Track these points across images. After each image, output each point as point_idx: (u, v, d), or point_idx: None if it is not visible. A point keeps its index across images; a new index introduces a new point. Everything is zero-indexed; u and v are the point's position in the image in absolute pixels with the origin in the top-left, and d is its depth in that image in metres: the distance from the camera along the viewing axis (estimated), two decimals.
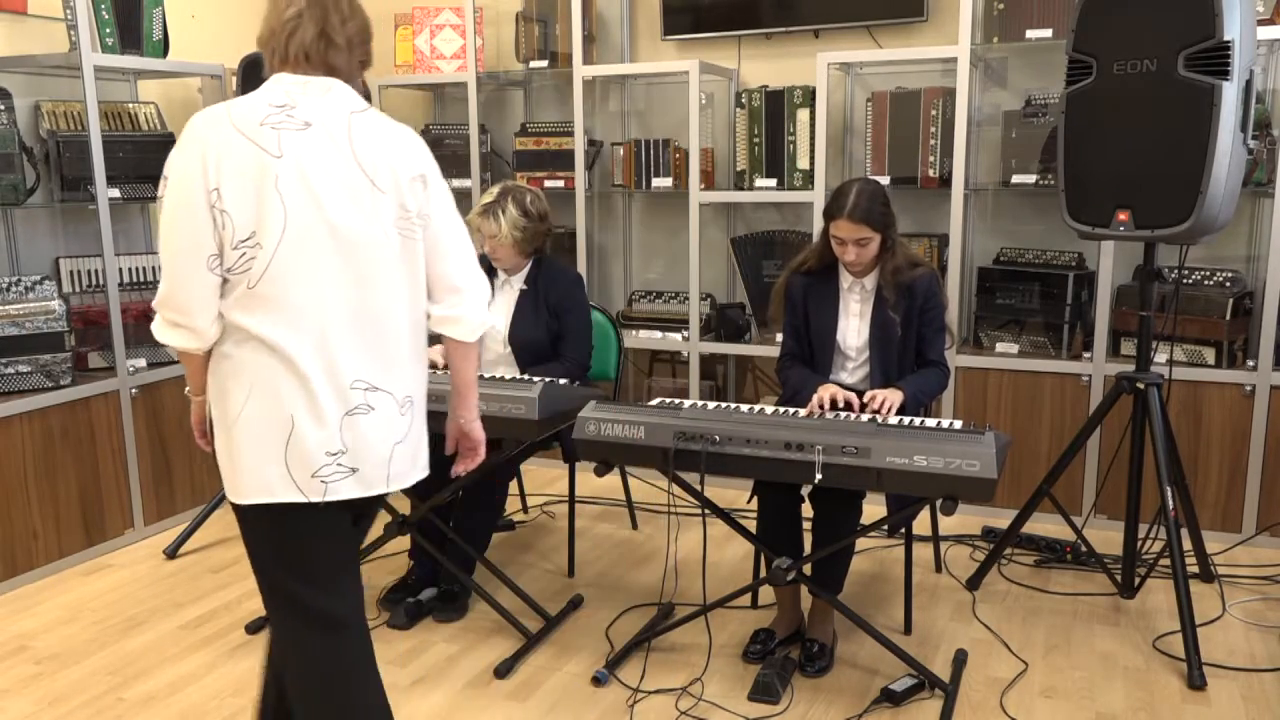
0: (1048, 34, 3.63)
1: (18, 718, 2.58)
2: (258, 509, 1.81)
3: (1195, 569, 3.24)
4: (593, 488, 4.19)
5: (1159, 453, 2.87)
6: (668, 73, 4.29)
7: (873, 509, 2.88)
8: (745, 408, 2.62)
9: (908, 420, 2.52)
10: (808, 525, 2.77)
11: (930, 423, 2.47)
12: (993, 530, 3.62)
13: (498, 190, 3.14)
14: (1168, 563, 2.84)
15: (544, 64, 4.43)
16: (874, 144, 3.94)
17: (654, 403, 2.69)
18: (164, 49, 3.92)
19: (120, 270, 3.76)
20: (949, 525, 3.71)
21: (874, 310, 2.92)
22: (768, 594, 3.07)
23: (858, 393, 2.83)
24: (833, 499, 2.68)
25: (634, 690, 2.66)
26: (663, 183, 4.30)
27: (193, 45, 4.29)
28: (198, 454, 3.93)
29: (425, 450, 1.97)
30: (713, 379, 4.42)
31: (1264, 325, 3.45)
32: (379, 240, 1.81)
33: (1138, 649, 2.86)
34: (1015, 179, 3.79)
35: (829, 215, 2.85)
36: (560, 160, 4.41)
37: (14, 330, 3.38)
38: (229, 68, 4.03)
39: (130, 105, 3.95)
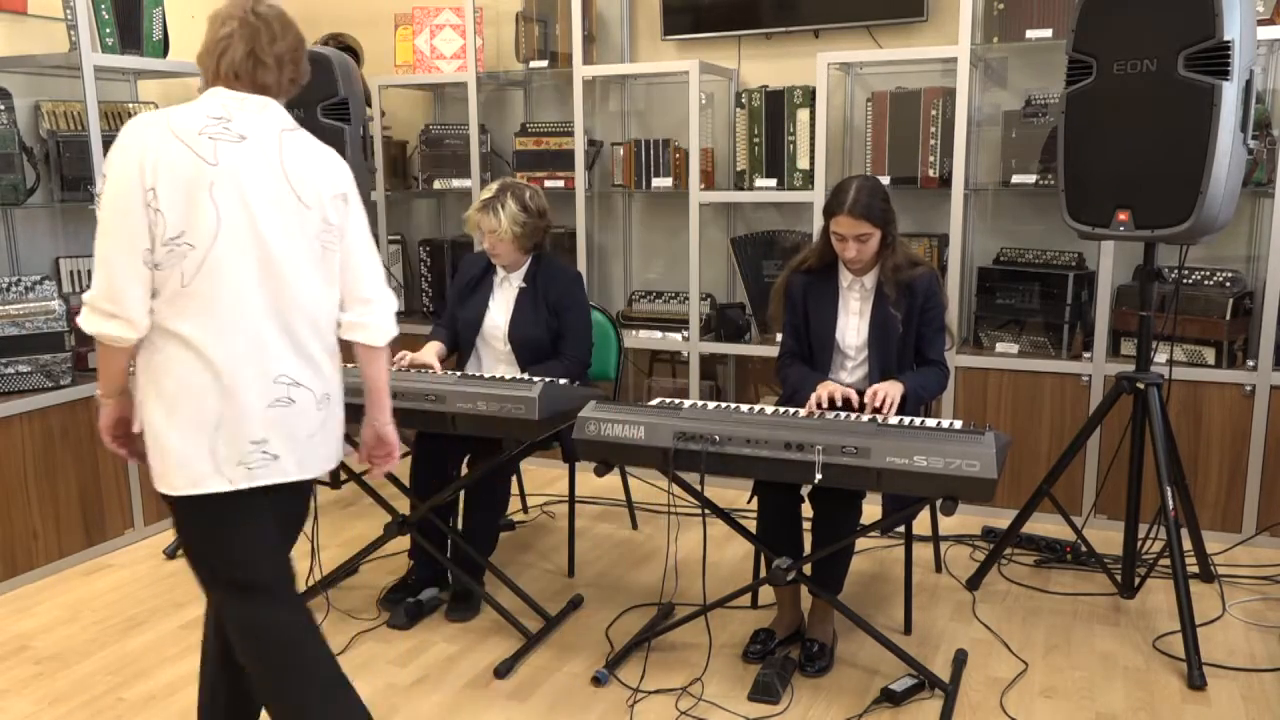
0: (1048, 34, 3.63)
1: (18, 718, 2.58)
2: (186, 498, 1.92)
3: (1195, 569, 3.24)
4: (593, 488, 4.19)
5: (1159, 453, 2.87)
6: (668, 73, 4.29)
7: (873, 509, 2.88)
8: (745, 408, 2.62)
9: (908, 420, 2.52)
10: (808, 525, 2.77)
11: (930, 423, 2.47)
12: (993, 530, 3.62)
13: (496, 186, 3.13)
14: (1168, 563, 2.84)
15: (544, 64, 4.43)
16: (874, 144, 3.94)
17: (654, 403, 2.69)
18: (164, 49, 3.92)
19: None
20: (949, 525, 3.71)
21: (874, 309, 2.92)
22: (768, 594, 3.07)
23: (857, 391, 2.83)
24: (832, 499, 2.68)
25: (634, 690, 2.66)
26: (663, 183, 4.30)
27: (192, 45, 4.18)
28: None
29: (337, 444, 2.10)
30: (713, 379, 4.42)
31: (1264, 325, 3.45)
32: (302, 250, 1.96)
33: (1138, 649, 2.85)
34: (1015, 179, 3.79)
35: (829, 212, 2.85)
36: (560, 160, 4.41)
37: (14, 330, 3.38)
38: None
39: (130, 105, 3.95)
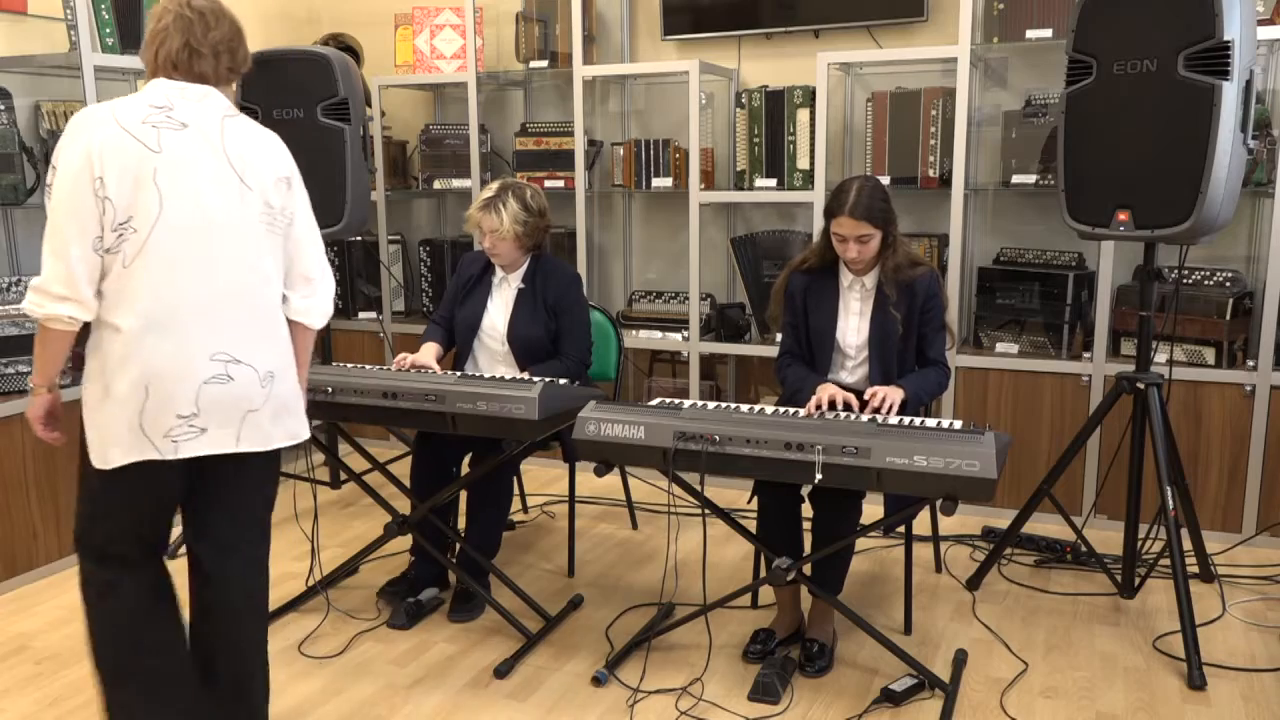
0: (1048, 34, 3.63)
1: (18, 718, 2.58)
2: (115, 469, 1.98)
3: (1195, 569, 3.24)
4: (593, 488, 4.19)
5: (1159, 453, 2.87)
6: (668, 73, 4.29)
7: (873, 509, 2.88)
8: (745, 408, 2.62)
9: (907, 420, 2.52)
10: (808, 525, 2.77)
11: (930, 423, 2.47)
12: (993, 530, 3.62)
13: (497, 186, 3.13)
14: (1168, 563, 2.84)
15: (544, 64, 4.43)
16: (874, 144, 3.94)
17: (654, 403, 2.69)
18: None
19: None
20: (949, 525, 3.71)
21: (874, 309, 2.92)
22: (768, 594, 3.07)
23: (857, 392, 2.83)
24: (832, 499, 2.68)
25: (634, 690, 2.66)
26: (663, 183, 4.30)
27: None
28: None
29: (295, 418, 2.15)
30: (713, 379, 4.42)
31: (1264, 325, 3.45)
32: (245, 231, 2.03)
33: (1138, 649, 2.85)
34: (1015, 179, 3.79)
35: (830, 212, 2.85)
36: (560, 160, 4.41)
37: (14, 330, 3.38)
38: None
39: None
